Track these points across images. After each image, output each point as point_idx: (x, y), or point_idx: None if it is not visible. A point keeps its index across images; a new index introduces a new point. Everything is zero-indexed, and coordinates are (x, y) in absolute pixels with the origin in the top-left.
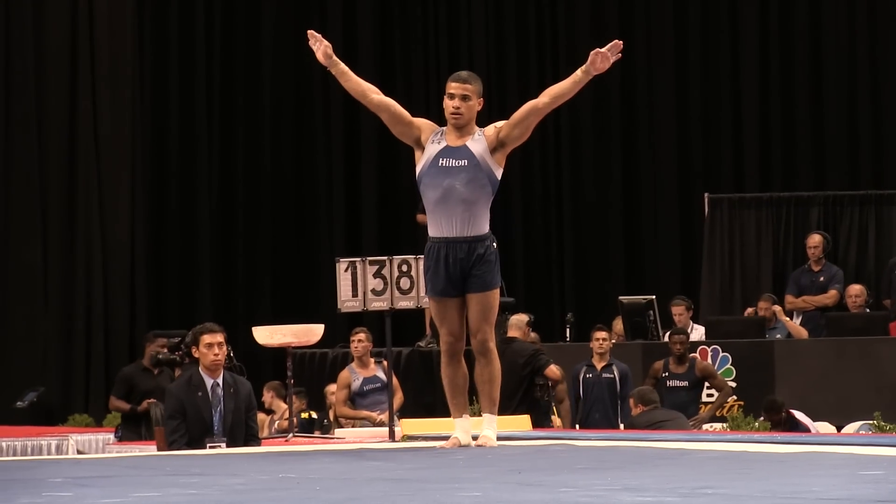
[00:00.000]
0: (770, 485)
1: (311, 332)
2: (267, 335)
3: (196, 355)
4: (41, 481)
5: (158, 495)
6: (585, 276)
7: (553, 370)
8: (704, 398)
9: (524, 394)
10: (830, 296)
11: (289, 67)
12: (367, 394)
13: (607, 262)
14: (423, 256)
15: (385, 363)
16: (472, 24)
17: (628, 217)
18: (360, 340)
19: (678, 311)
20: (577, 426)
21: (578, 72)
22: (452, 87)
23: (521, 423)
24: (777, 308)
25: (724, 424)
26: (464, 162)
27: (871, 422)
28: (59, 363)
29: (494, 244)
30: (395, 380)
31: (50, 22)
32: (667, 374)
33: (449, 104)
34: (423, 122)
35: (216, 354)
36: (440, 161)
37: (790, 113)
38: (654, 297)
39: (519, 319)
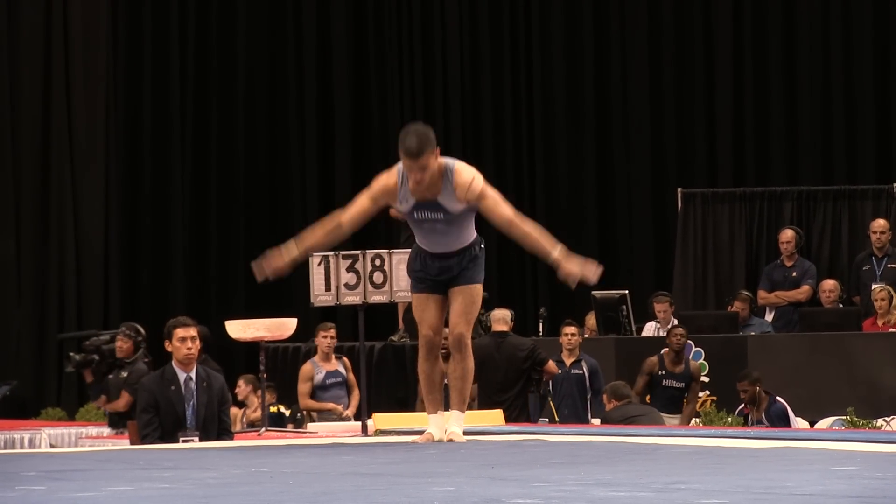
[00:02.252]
0: (744, 480)
1: (284, 326)
2: (240, 329)
3: (169, 349)
4: (14, 475)
5: (131, 489)
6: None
7: (552, 365)
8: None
9: (522, 387)
10: (803, 291)
11: (262, 63)
12: (329, 387)
13: (580, 256)
14: (395, 251)
15: (345, 359)
16: (445, 17)
17: (602, 211)
18: (332, 336)
19: (661, 307)
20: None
21: (555, 254)
22: (408, 164)
23: (492, 417)
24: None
25: (698, 419)
26: (439, 214)
27: (844, 417)
28: (32, 357)
29: (482, 245)
30: (352, 377)
31: (24, 14)
32: (663, 372)
33: (410, 177)
34: (379, 193)
35: (189, 348)
36: (416, 214)
37: (763, 108)
38: (627, 291)
39: (504, 314)
